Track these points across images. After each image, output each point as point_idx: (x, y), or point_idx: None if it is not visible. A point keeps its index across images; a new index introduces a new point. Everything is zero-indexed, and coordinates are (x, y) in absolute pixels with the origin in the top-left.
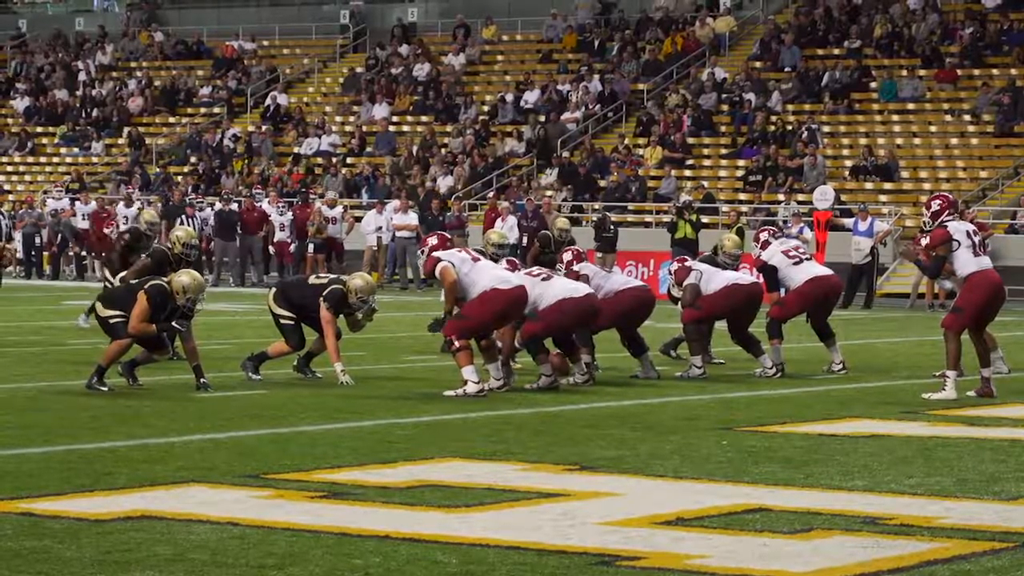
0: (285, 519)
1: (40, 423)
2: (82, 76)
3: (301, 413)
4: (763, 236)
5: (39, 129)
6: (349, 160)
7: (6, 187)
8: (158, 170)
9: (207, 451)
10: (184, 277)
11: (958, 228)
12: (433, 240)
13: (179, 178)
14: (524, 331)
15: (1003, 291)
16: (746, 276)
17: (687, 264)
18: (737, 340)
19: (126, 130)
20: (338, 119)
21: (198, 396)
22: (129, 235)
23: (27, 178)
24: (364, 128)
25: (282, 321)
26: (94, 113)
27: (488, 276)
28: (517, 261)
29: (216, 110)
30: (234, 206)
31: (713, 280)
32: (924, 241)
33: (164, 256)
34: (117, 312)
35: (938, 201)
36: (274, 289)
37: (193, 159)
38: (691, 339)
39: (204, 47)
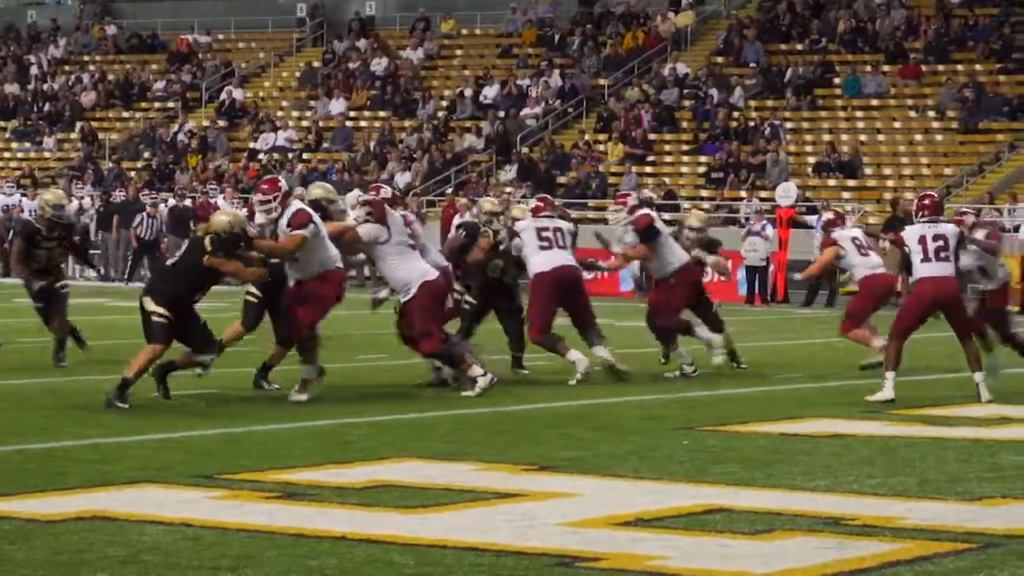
0: (240, 520)
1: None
2: (34, 70)
3: (255, 413)
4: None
5: None
6: (305, 156)
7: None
8: (111, 165)
9: (160, 451)
10: (222, 216)
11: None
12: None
13: (132, 174)
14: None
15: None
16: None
17: None
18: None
19: (79, 125)
20: (294, 114)
21: (150, 396)
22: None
23: None
24: (321, 123)
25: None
26: (46, 107)
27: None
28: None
29: (170, 105)
30: (188, 202)
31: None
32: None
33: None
34: (161, 311)
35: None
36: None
37: (147, 154)
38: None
39: (158, 41)
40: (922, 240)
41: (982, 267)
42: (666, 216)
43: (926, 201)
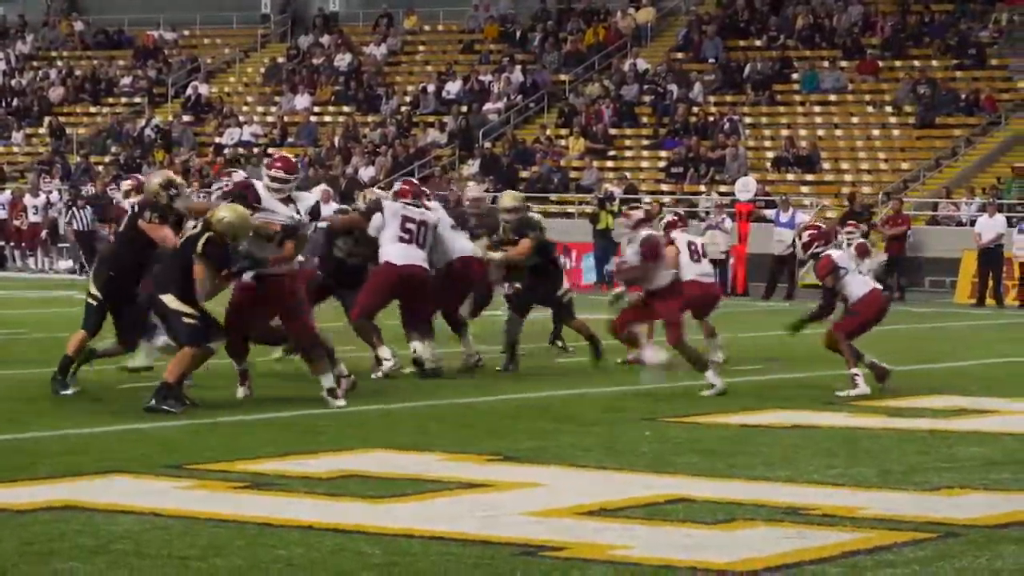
0: (208, 510)
1: None
2: (1, 65)
3: (221, 404)
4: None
5: None
6: (271, 150)
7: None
8: (79, 160)
9: (128, 442)
10: (225, 213)
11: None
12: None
13: (100, 168)
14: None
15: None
16: None
17: None
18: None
19: (47, 120)
20: (260, 109)
21: (118, 388)
22: None
23: None
24: (286, 118)
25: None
26: (14, 103)
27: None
28: None
29: (137, 100)
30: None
31: None
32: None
33: None
34: (188, 309)
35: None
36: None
37: (114, 149)
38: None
39: (125, 36)
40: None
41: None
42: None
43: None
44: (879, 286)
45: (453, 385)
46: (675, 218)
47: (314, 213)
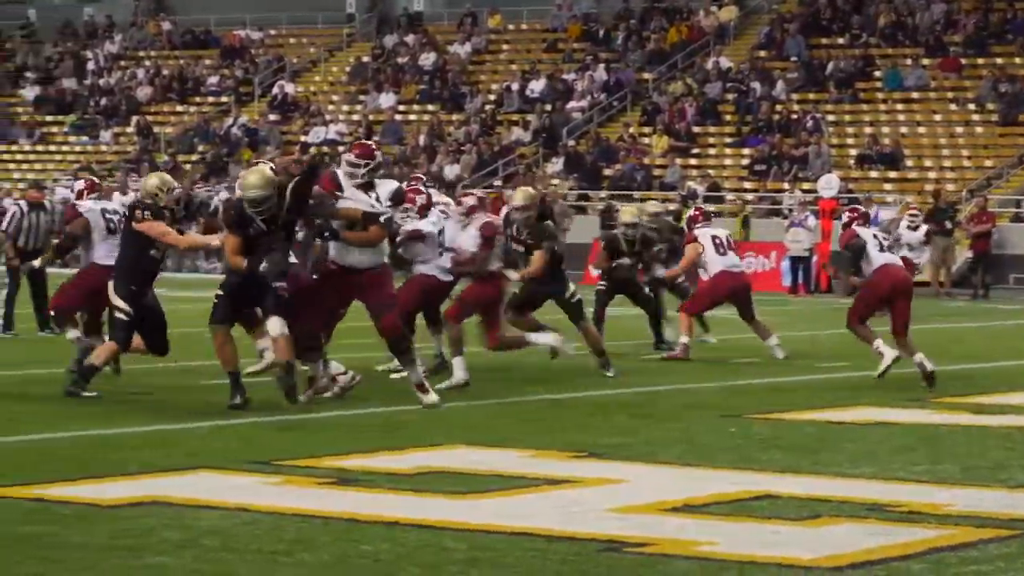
0: (294, 505)
1: (48, 409)
2: (91, 65)
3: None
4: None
5: (48, 118)
6: None
7: (15, 175)
8: (166, 158)
9: (216, 438)
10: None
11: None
12: None
13: (187, 167)
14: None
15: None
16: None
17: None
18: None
19: (134, 119)
20: (345, 108)
21: (206, 383)
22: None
23: (37, 167)
24: (371, 117)
25: None
26: (103, 102)
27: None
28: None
29: (223, 99)
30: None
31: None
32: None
33: None
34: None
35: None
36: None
37: (201, 148)
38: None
39: (212, 36)
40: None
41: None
42: (712, 208)
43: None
44: (896, 262)
45: (535, 381)
46: (697, 213)
47: (395, 199)
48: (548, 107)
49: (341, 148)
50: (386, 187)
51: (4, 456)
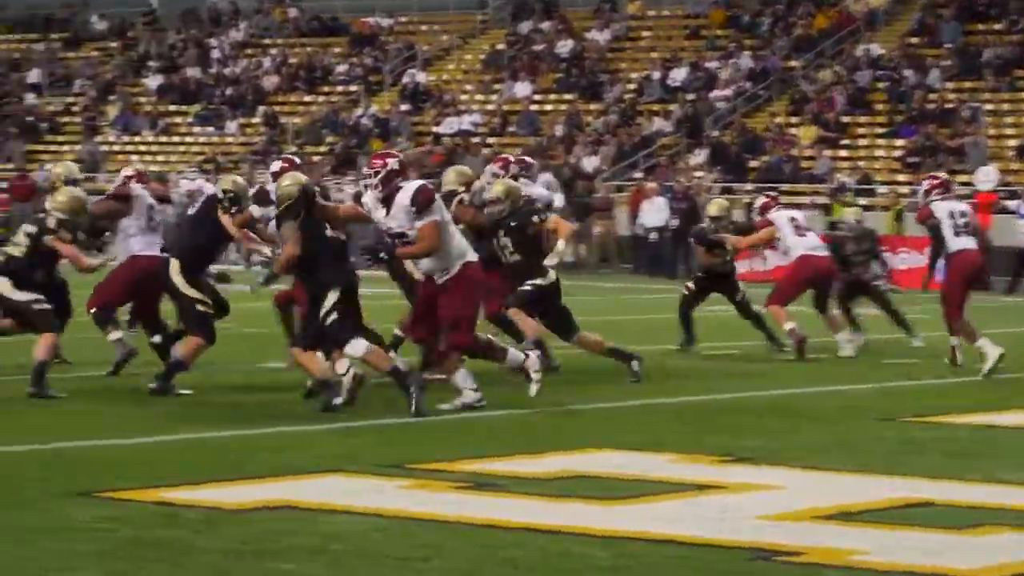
0: (429, 510)
1: (175, 411)
2: (215, 53)
3: (442, 402)
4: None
5: (172, 108)
6: (490, 140)
7: (138, 167)
8: (294, 150)
9: (347, 440)
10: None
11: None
12: None
13: (315, 158)
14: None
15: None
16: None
17: None
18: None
19: (261, 109)
20: (479, 97)
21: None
22: None
23: (160, 158)
24: (506, 107)
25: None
26: (228, 91)
27: None
28: None
29: (353, 88)
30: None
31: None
32: None
33: None
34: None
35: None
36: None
37: (330, 139)
38: None
39: (340, 23)
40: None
41: None
42: (862, 201)
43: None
44: (971, 246)
45: (677, 382)
46: (769, 199)
47: (415, 200)
48: (691, 96)
49: (475, 140)
50: (408, 189)
51: (125, 458)
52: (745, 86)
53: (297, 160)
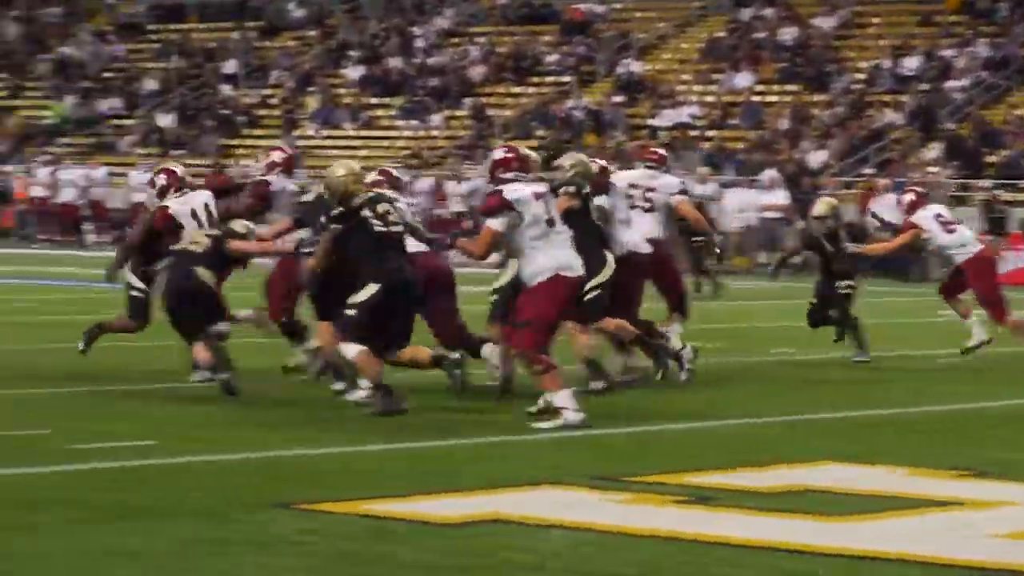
0: (646, 525)
1: (374, 420)
2: (419, 42)
3: (662, 411)
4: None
5: (374, 100)
6: (710, 133)
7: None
8: (502, 144)
9: (559, 450)
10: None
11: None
12: None
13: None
14: None
15: None
16: None
17: None
18: None
19: (467, 101)
20: (697, 88)
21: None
22: None
23: (362, 153)
24: (726, 98)
25: None
26: (432, 82)
27: None
28: None
29: (565, 79)
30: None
31: None
32: None
33: None
34: None
35: None
36: None
37: (540, 132)
38: None
39: (551, 11)
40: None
41: None
42: None
43: None
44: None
45: (903, 391)
46: (917, 196)
47: None
48: (924, 87)
49: (692, 133)
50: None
51: (326, 469)
52: (982, 75)
53: (179, 170)
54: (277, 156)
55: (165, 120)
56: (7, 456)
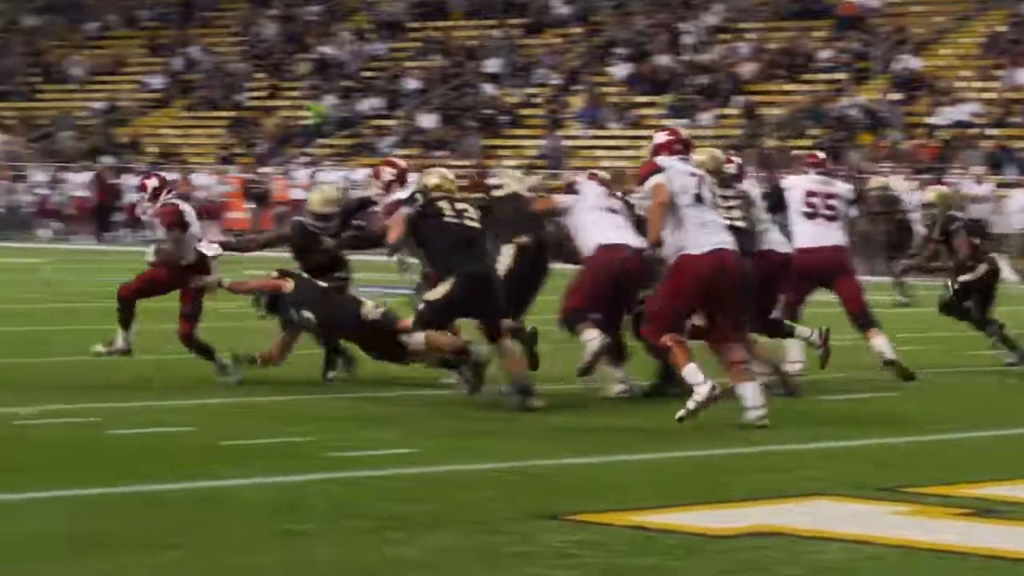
0: (929, 539)
1: (640, 428)
2: (687, 39)
3: (943, 420)
4: None
5: (641, 99)
6: (990, 132)
7: (604, 163)
8: (774, 144)
9: (836, 460)
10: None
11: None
12: None
13: (796, 153)
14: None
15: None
16: None
17: None
18: None
19: (738, 99)
20: (977, 85)
21: (814, 400)
22: None
23: (629, 152)
24: (1008, 95)
25: None
26: (701, 80)
27: None
28: None
29: (839, 76)
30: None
31: None
32: None
33: None
34: None
35: None
36: None
37: (813, 131)
38: None
39: (823, 5)
40: None
41: None
42: None
43: None
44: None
45: None
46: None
47: None
48: None
49: (971, 131)
50: None
51: (591, 478)
52: None
53: (166, 178)
54: (389, 172)
55: (427, 120)
56: (272, 463)
